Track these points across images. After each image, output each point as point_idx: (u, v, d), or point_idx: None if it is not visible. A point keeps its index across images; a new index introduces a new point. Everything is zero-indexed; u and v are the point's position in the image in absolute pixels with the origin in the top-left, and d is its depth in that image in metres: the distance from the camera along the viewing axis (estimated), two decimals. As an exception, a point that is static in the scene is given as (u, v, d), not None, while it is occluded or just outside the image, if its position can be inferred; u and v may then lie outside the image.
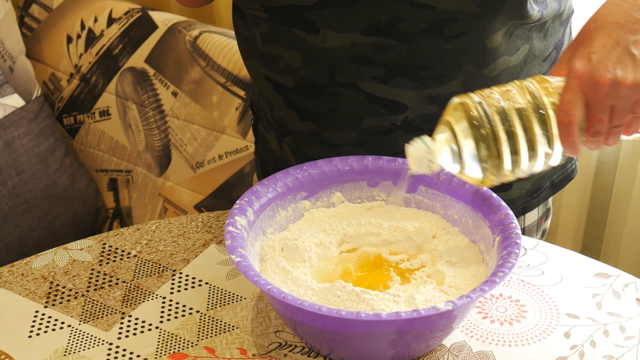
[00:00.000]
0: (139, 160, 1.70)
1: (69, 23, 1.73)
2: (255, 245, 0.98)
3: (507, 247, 0.92)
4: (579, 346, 0.96)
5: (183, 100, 1.62)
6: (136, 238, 1.12)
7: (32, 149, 1.63)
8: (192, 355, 0.96)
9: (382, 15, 1.01)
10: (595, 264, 1.07)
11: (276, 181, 1.03)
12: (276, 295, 0.87)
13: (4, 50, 1.63)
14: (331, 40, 1.04)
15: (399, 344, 0.90)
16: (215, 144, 1.60)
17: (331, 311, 0.85)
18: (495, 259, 0.94)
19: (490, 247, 0.96)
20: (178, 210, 1.66)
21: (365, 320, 0.85)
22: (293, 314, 0.90)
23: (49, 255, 1.09)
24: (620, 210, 1.83)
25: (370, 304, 0.90)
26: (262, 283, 0.88)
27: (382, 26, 1.02)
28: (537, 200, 1.21)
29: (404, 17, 1.00)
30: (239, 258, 0.91)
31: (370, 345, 0.90)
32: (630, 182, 1.78)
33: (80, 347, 0.96)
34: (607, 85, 0.88)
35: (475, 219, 1.00)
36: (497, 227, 0.96)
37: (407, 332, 0.89)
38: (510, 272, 0.89)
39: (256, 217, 0.99)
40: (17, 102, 1.63)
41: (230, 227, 0.95)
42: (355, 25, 1.02)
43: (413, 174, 0.95)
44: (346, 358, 0.93)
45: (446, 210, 1.03)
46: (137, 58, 1.66)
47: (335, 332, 0.90)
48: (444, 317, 0.88)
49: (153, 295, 1.03)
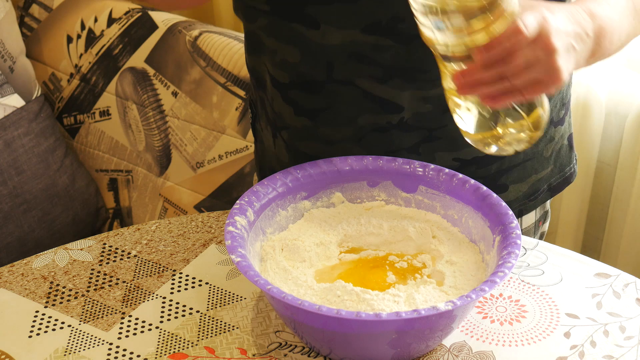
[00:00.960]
0: (139, 160, 1.70)
1: (69, 23, 1.73)
2: (255, 245, 0.98)
3: (507, 247, 0.92)
4: (579, 346, 0.96)
5: (183, 100, 1.62)
6: (136, 238, 1.12)
7: (32, 149, 1.64)
8: (192, 355, 0.96)
9: (383, 15, 1.01)
10: (595, 264, 1.07)
11: (276, 181, 1.03)
12: (276, 295, 0.87)
13: (4, 50, 1.63)
14: (330, 36, 1.04)
15: (398, 344, 0.90)
16: (215, 144, 1.60)
17: (331, 311, 0.85)
18: (495, 259, 0.94)
19: (490, 247, 0.96)
20: (178, 210, 1.66)
21: (365, 320, 0.85)
22: (293, 314, 0.90)
23: (49, 255, 1.09)
24: (620, 210, 1.83)
25: (370, 304, 0.90)
26: (262, 283, 0.88)
27: (382, 25, 1.02)
28: (534, 203, 1.21)
29: (405, 17, 1.00)
30: (239, 258, 0.91)
31: (370, 346, 0.90)
32: (630, 182, 1.78)
33: (80, 347, 0.96)
34: (545, 49, 0.87)
35: (475, 219, 1.00)
36: (497, 227, 0.96)
37: (407, 332, 0.89)
38: (510, 272, 0.89)
39: (256, 217, 0.99)
40: (17, 102, 1.63)
41: (230, 227, 0.95)
42: (355, 23, 1.02)
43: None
44: (346, 358, 0.93)
45: (446, 210, 1.03)
46: (137, 58, 1.66)
47: (335, 332, 0.90)
48: (443, 317, 0.88)
49: (153, 295, 1.03)
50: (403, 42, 1.03)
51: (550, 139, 1.19)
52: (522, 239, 1.10)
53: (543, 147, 1.18)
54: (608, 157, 1.83)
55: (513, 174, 1.16)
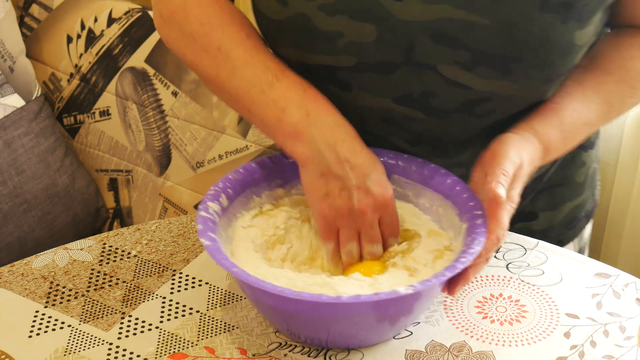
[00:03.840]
0: (139, 160, 1.69)
1: (69, 23, 1.73)
2: (228, 230, 0.99)
3: (472, 234, 0.93)
4: (579, 346, 0.96)
5: (183, 100, 1.62)
6: (136, 238, 1.12)
7: (32, 149, 1.63)
8: (192, 355, 0.96)
9: (416, 88, 1.00)
10: (595, 264, 1.07)
11: (251, 168, 1.03)
12: (241, 277, 0.88)
13: (4, 50, 1.63)
14: (363, 100, 1.03)
15: (340, 327, 0.92)
16: (215, 144, 1.60)
17: (275, 288, 0.86)
18: (461, 247, 0.94)
19: (457, 234, 0.97)
20: (178, 210, 1.66)
21: (306, 301, 0.87)
22: (256, 295, 0.92)
23: (49, 255, 1.09)
24: (620, 210, 1.83)
25: (333, 287, 0.91)
26: (228, 265, 0.89)
27: (414, 98, 1.01)
28: (573, 232, 1.20)
29: (438, 93, 1.00)
30: (208, 241, 0.91)
31: (317, 326, 0.92)
32: (630, 182, 1.78)
33: (80, 347, 0.96)
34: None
35: (445, 207, 1.00)
36: (465, 215, 0.96)
37: (348, 316, 0.90)
38: (472, 258, 0.89)
39: (230, 203, 1.00)
40: (17, 102, 1.63)
41: (202, 212, 0.95)
42: (387, 93, 1.01)
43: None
44: (309, 338, 0.95)
45: (418, 198, 1.04)
46: (137, 58, 1.66)
47: (291, 313, 0.91)
48: (398, 303, 0.89)
49: (153, 295, 1.03)
50: (435, 115, 1.02)
51: (581, 164, 1.18)
52: (522, 238, 1.10)
53: (574, 172, 1.17)
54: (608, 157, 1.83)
55: (540, 201, 1.15)
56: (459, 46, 0.94)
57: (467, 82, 0.97)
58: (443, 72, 0.97)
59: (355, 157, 0.95)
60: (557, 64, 0.97)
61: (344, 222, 0.95)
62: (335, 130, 0.95)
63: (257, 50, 0.99)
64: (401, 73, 0.99)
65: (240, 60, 0.98)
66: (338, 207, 0.94)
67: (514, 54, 0.94)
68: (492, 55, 0.94)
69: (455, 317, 1.00)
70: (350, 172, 0.94)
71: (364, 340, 0.95)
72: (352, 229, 0.96)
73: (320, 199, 0.95)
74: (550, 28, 0.93)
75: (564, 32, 0.94)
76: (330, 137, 0.94)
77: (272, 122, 0.96)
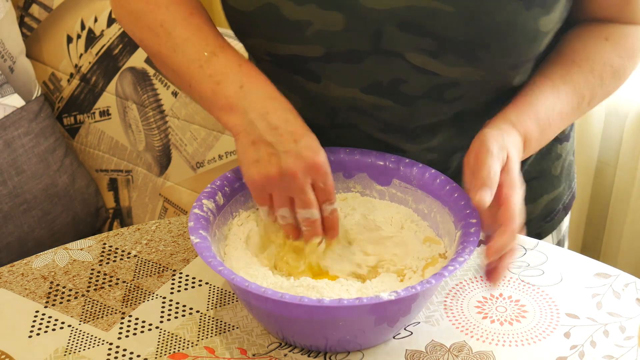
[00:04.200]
0: (139, 160, 1.69)
1: (69, 23, 1.73)
2: (223, 228, 0.99)
3: (464, 242, 0.93)
4: (579, 346, 0.96)
5: (183, 100, 1.62)
6: (136, 238, 1.12)
7: (32, 149, 1.63)
8: (192, 355, 0.96)
9: (384, 76, 1.01)
10: (595, 264, 1.07)
11: None
12: (227, 276, 0.88)
13: (4, 50, 1.63)
14: (332, 90, 1.04)
15: (345, 330, 0.91)
16: (215, 144, 1.60)
17: (275, 294, 0.86)
18: (453, 254, 0.94)
19: (452, 241, 0.97)
20: (178, 210, 1.66)
21: (288, 303, 0.86)
22: (244, 296, 0.92)
23: (49, 255, 1.09)
24: (620, 210, 1.83)
25: (320, 291, 0.91)
26: (215, 264, 0.89)
27: (383, 86, 1.01)
28: (551, 225, 1.20)
29: (406, 79, 1.00)
30: (198, 239, 0.91)
31: (309, 330, 0.92)
32: (630, 182, 1.78)
33: (80, 347, 0.96)
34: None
35: (442, 214, 1.01)
36: (460, 223, 0.96)
37: (332, 320, 0.90)
38: (461, 266, 0.89)
39: (226, 201, 1.00)
40: (17, 102, 1.63)
41: (196, 210, 0.95)
42: (356, 82, 1.02)
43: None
44: (296, 341, 0.95)
45: (417, 204, 1.04)
46: (137, 58, 1.66)
47: (280, 315, 0.91)
48: (370, 309, 0.89)
49: (153, 295, 1.03)
50: (403, 103, 1.03)
51: (557, 156, 1.18)
52: (522, 238, 1.10)
53: (550, 165, 1.17)
54: (608, 157, 1.84)
55: None
56: (425, 34, 0.96)
57: (434, 68, 0.98)
58: (410, 60, 0.98)
59: (286, 125, 0.95)
60: (523, 51, 0.98)
61: (275, 187, 0.96)
62: (268, 102, 0.96)
63: (199, 28, 1.01)
64: (369, 62, 0.99)
65: (181, 37, 1.00)
66: (267, 172, 0.95)
67: (478, 41, 0.95)
68: (457, 42, 0.95)
69: (455, 317, 1.00)
70: (280, 137, 0.95)
71: (353, 342, 0.94)
72: (283, 193, 0.96)
73: (250, 165, 0.96)
74: (515, 15, 0.94)
75: (528, 19, 0.95)
76: (262, 107, 0.96)
77: (208, 95, 0.98)
